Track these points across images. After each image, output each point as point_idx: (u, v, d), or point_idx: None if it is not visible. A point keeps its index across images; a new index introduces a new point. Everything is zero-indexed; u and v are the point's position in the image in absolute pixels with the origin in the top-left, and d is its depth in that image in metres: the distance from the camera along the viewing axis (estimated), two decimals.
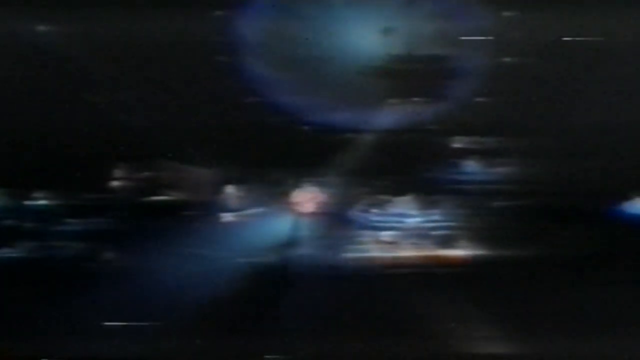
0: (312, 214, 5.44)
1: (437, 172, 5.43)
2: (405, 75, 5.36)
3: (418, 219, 5.42)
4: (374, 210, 5.41)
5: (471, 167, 5.44)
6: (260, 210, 5.37)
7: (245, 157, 5.37)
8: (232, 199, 5.25)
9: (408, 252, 5.39)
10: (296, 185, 5.19)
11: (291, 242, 5.34)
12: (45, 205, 5.26)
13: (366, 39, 5.29)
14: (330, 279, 5.24)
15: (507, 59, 5.28)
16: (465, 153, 5.43)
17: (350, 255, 5.28)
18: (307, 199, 5.41)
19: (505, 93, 5.28)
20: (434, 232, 5.42)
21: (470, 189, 5.42)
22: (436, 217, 5.43)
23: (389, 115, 5.37)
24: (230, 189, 5.22)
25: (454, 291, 5.29)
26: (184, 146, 5.34)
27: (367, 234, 5.39)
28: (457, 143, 5.43)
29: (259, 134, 5.35)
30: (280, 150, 5.36)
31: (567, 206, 5.33)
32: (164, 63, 5.27)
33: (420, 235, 5.42)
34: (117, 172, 5.36)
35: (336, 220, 5.39)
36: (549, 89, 5.30)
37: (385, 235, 5.43)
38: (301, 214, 5.43)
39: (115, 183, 5.39)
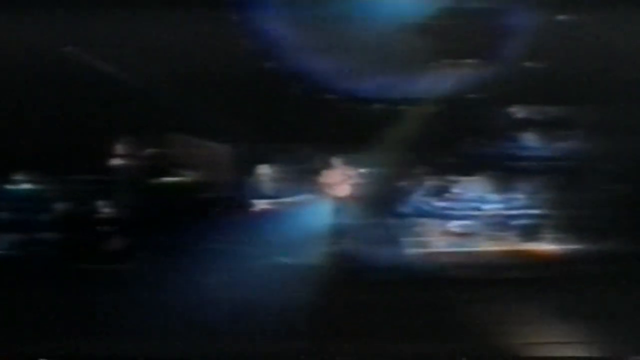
0: (362, 199, 4.30)
1: (511, 148, 4.29)
2: (457, 34, 4.37)
3: (497, 206, 4.24)
4: (440, 195, 4.25)
5: (555, 142, 4.29)
6: (297, 196, 4.24)
7: (277, 133, 4.27)
8: (262, 183, 4.15)
9: (485, 246, 4.22)
10: (341, 165, 4.04)
11: (338, 236, 4.19)
12: (38, 190, 4.20)
13: None
14: (388, 279, 4.18)
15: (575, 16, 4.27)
16: (542, 125, 4.31)
17: (411, 250, 4.07)
18: (355, 181, 4.28)
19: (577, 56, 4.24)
20: (516, 222, 4.22)
21: (559, 169, 4.27)
22: (519, 203, 4.24)
23: (442, 81, 4.37)
24: (259, 171, 4.11)
25: (542, 293, 4.17)
26: (202, 120, 4.33)
27: (432, 224, 4.21)
28: (531, 113, 4.32)
29: (293, 105, 4.39)
30: (317, 125, 4.38)
31: None
32: (178, 26, 4.36)
33: (500, 225, 4.22)
34: (129, 150, 4.33)
35: (392, 207, 4.24)
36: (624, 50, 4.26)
37: (456, 225, 4.22)
38: (348, 200, 4.29)
39: (125, 163, 4.41)
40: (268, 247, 4.37)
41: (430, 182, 4.30)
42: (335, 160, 4.20)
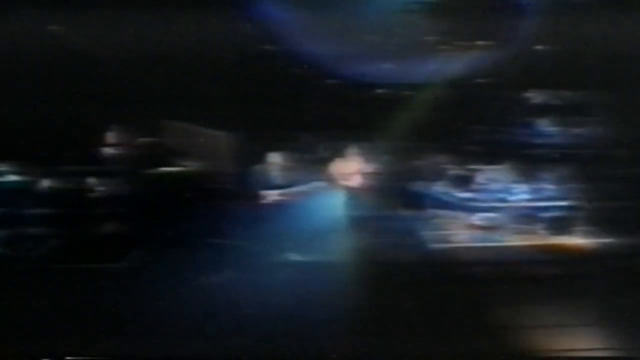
0: (377, 190, 3.96)
1: (538, 134, 4.07)
2: (472, 14, 4.01)
3: (524, 196, 3.90)
4: (462, 185, 3.91)
5: (588, 128, 3.92)
6: (307, 187, 4.06)
7: (286, 120, 4.02)
8: (270, 173, 3.81)
9: (512, 240, 4.00)
10: (355, 153, 4.01)
11: (353, 231, 3.99)
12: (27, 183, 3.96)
13: None
14: (408, 276, 3.90)
15: None
16: (573, 110, 4.04)
17: (432, 245, 3.89)
18: (371, 171, 3.94)
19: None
20: (546, 214, 3.88)
21: (592, 156, 3.95)
22: (549, 194, 3.90)
23: (460, 64, 3.98)
24: (267, 160, 3.78)
25: (575, 292, 3.88)
26: (200, 106, 3.99)
27: (454, 217, 3.89)
28: (560, 98, 4.06)
29: (302, 91, 4.02)
30: (329, 111, 4.00)
31: None
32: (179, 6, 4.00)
33: (528, 217, 3.90)
34: (126, 140, 4.03)
35: (411, 199, 3.90)
36: None
37: (480, 218, 3.90)
38: (363, 192, 3.95)
39: (123, 153, 4.06)
40: (279, 242, 4.04)
41: (452, 172, 3.93)
42: (349, 149, 3.83)
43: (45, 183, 4.08)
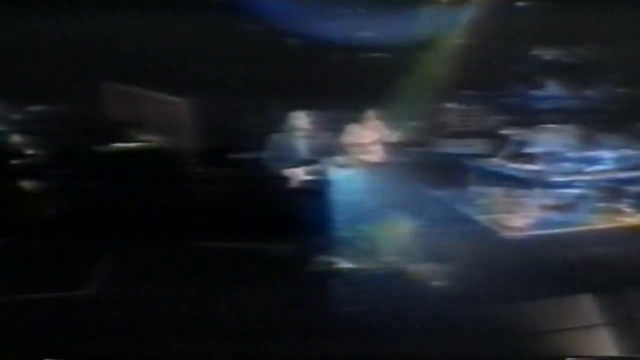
0: (409, 167, 3.23)
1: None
2: None
3: (606, 167, 3.14)
4: (524, 154, 3.30)
5: None
6: (325, 163, 3.29)
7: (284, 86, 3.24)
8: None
9: (596, 221, 3.20)
10: (375, 119, 3.29)
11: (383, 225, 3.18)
12: None
13: None
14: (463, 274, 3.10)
15: None
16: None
17: (491, 232, 3.18)
18: (397, 140, 3.25)
19: None
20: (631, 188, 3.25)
21: None
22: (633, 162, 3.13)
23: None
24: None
25: None
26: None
27: (516, 196, 3.24)
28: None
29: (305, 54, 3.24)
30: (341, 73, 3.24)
31: None
32: None
33: (612, 192, 3.24)
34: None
35: (457, 174, 3.25)
36: None
37: (552, 195, 3.20)
38: (393, 169, 3.26)
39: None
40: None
41: (511, 137, 3.10)
42: (368, 114, 3.22)
43: None
